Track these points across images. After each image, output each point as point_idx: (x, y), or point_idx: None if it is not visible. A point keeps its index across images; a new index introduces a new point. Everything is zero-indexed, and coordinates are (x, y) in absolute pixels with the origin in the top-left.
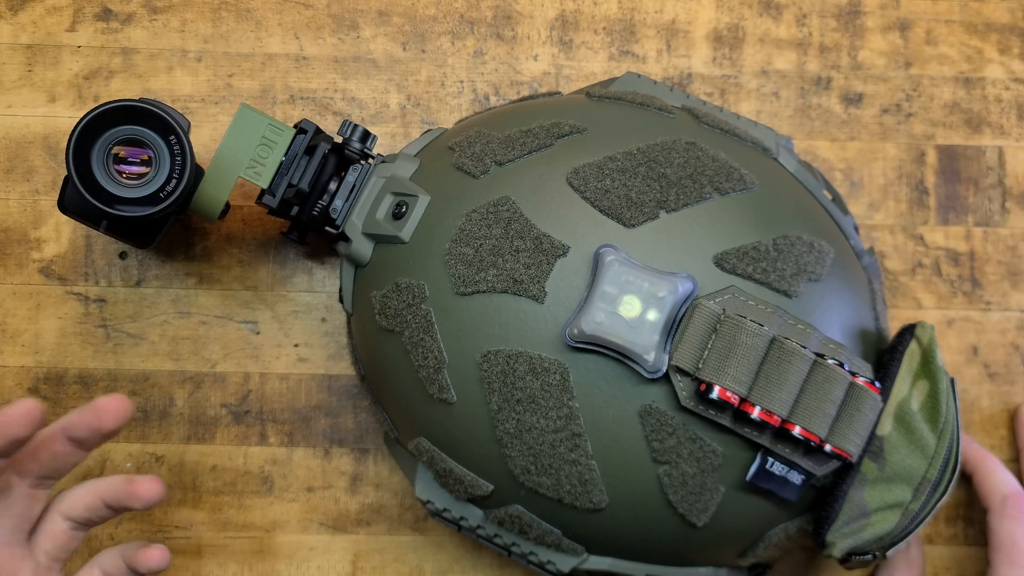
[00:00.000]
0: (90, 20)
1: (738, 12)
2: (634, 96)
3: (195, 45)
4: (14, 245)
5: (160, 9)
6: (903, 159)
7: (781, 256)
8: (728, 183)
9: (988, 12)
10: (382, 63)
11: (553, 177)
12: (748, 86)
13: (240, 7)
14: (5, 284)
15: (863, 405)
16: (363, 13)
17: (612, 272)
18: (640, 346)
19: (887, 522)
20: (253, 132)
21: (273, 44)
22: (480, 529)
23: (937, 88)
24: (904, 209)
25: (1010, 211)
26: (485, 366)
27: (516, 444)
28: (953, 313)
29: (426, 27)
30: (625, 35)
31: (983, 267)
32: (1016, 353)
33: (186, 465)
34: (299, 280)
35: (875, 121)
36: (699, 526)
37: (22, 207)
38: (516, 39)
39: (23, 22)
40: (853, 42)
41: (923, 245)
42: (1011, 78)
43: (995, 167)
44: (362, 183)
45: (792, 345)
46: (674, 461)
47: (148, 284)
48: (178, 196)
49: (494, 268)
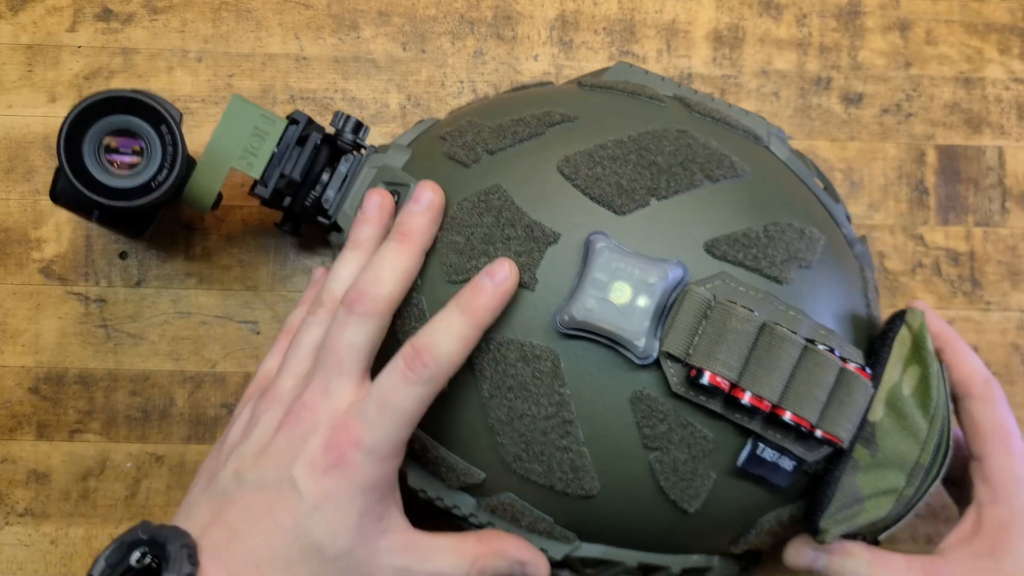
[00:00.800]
0: (90, 20)
1: (738, 12)
2: (625, 85)
3: (195, 45)
4: (14, 245)
5: (160, 9)
6: (903, 159)
7: (772, 243)
8: (719, 170)
9: (988, 12)
10: (382, 63)
11: (544, 165)
12: (748, 86)
13: (240, 7)
14: (5, 284)
15: (853, 390)
16: (363, 13)
17: (602, 259)
18: (630, 332)
19: (881, 508)
20: (245, 123)
21: (273, 44)
22: (472, 517)
23: (937, 88)
24: (904, 209)
25: (1010, 211)
26: (476, 353)
27: (507, 431)
28: (953, 313)
29: (426, 27)
30: (625, 35)
31: (983, 267)
32: (1016, 353)
33: (186, 465)
34: (299, 280)
35: (875, 121)
36: (691, 512)
37: (22, 207)
38: (516, 39)
39: (23, 22)
40: (853, 42)
41: (923, 245)
42: (1011, 78)
43: (995, 167)
44: (354, 173)
45: (782, 331)
46: (665, 447)
47: (148, 284)
48: (169, 186)
49: (485, 256)
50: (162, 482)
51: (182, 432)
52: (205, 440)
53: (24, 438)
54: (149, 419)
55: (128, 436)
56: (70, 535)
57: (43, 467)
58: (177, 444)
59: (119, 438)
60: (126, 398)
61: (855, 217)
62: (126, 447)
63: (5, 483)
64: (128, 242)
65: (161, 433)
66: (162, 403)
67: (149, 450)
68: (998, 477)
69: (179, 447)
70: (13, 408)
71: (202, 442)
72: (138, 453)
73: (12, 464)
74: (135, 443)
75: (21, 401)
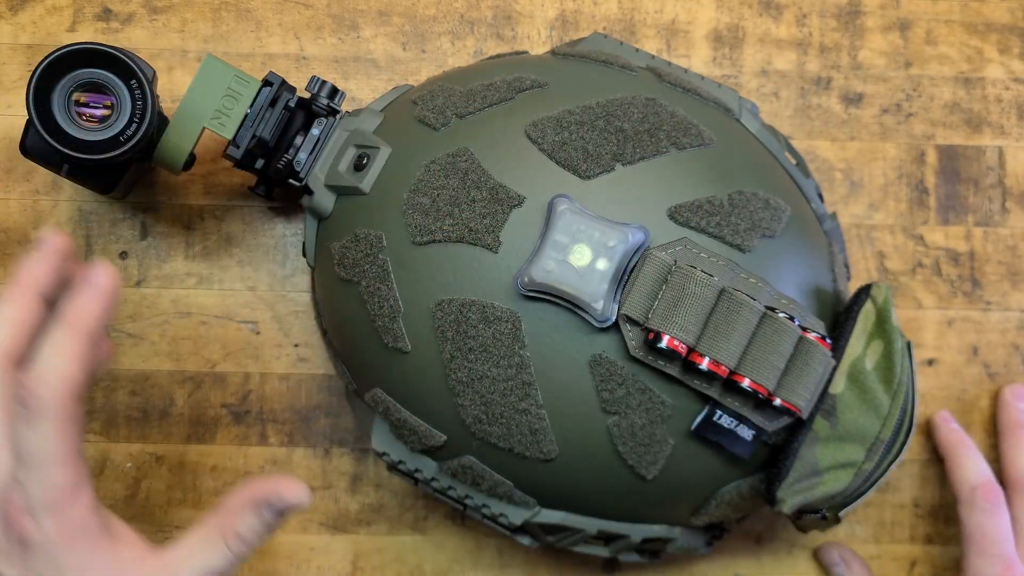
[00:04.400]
0: (90, 20)
1: (738, 12)
2: (598, 55)
3: (195, 45)
4: (14, 245)
5: (160, 9)
6: (903, 159)
7: (735, 211)
8: (685, 138)
9: (988, 12)
10: (382, 63)
11: (512, 129)
12: (748, 86)
13: (240, 7)
14: (5, 284)
15: (812, 359)
16: (363, 13)
17: (564, 221)
18: (588, 294)
19: (839, 481)
20: (219, 83)
21: (273, 44)
22: (435, 482)
23: (937, 88)
24: (904, 209)
25: (1010, 211)
26: (439, 315)
27: (468, 393)
28: (953, 313)
29: (426, 27)
30: (625, 35)
31: (983, 267)
32: (1016, 353)
33: (186, 465)
34: (299, 280)
35: (875, 121)
36: (649, 479)
37: (22, 207)
38: (516, 39)
39: (23, 22)
40: (853, 42)
41: (923, 245)
42: (1011, 78)
43: (995, 167)
44: (326, 136)
45: (741, 296)
46: (623, 412)
47: (148, 284)
48: (138, 140)
49: (450, 217)
50: (162, 482)
51: (182, 432)
52: (205, 440)
53: None
54: (149, 419)
55: (128, 436)
56: None
57: None
58: (177, 444)
59: (119, 438)
60: (126, 398)
61: (855, 217)
62: (126, 447)
63: None
64: (128, 242)
65: (161, 433)
66: (162, 403)
67: (149, 450)
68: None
69: (179, 447)
70: None
71: (202, 442)
72: (138, 453)
73: None
74: (135, 443)
75: None
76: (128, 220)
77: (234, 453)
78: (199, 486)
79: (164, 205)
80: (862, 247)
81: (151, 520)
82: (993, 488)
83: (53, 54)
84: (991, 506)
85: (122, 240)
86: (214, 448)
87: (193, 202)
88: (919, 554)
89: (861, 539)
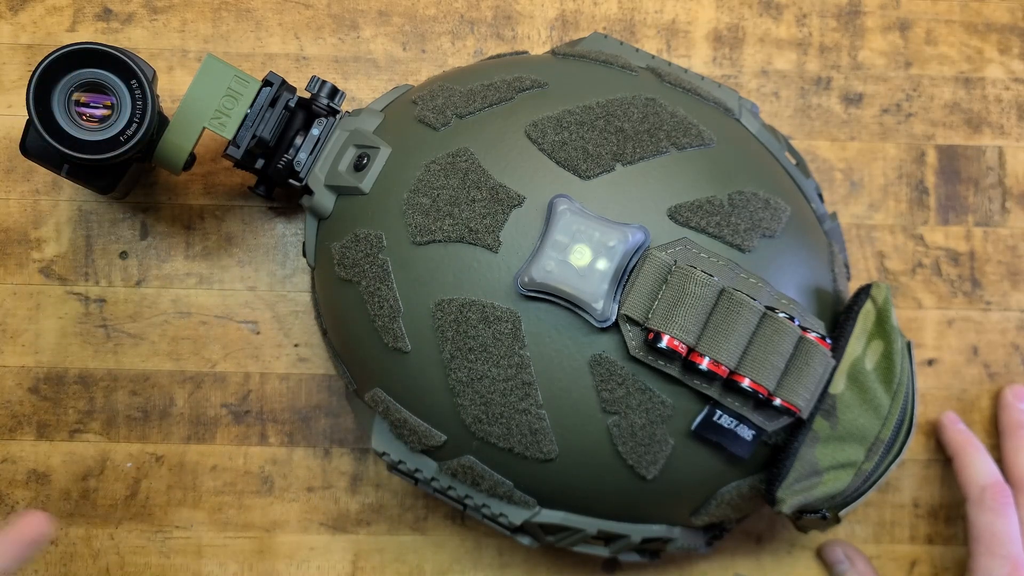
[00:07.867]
0: (90, 20)
1: (738, 12)
2: (598, 55)
3: (195, 45)
4: (14, 245)
5: (160, 9)
6: (903, 159)
7: (736, 211)
8: (685, 138)
9: (988, 12)
10: (382, 63)
11: (512, 129)
12: (748, 86)
13: (240, 7)
14: (5, 284)
15: (812, 360)
16: (363, 13)
17: (564, 221)
18: (588, 294)
19: (839, 481)
20: (219, 83)
21: (273, 44)
22: (435, 481)
23: (937, 88)
24: (904, 209)
25: (1010, 211)
26: (439, 315)
27: (468, 393)
28: (953, 313)
29: (426, 27)
30: (625, 35)
31: (983, 267)
32: (1016, 353)
33: (186, 465)
34: (299, 280)
35: (875, 121)
36: (649, 479)
37: (22, 207)
38: (516, 39)
39: (23, 22)
40: (853, 42)
41: (923, 245)
42: (1011, 78)
43: (995, 167)
44: (326, 136)
45: (741, 296)
46: (623, 412)
47: (148, 284)
48: (139, 140)
49: (450, 217)
50: (162, 482)
51: (182, 432)
52: (205, 440)
53: (24, 438)
54: (149, 419)
55: (128, 436)
56: (70, 535)
57: (43, 467)
58: (177, 444)
59: (119, 438)
60: (126, 398)
61: (855, 217)
62: (126, 447)
63: (5, 483)
64: (128, 242)
65: (161, 433)
66: (162, 403)
67: (149, 450)
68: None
69: (179, 447)
70: (13, 408)
71: (202, 442)
72: (138, 453)
73: (12, 464)
74: (135, 443)
75: (21, 401)
76: (128, 220)
77: (234, 453)
78: (199, 486)
79: (164, 205)
80: (862, 247)
81: (151, 520)
82: (1003, 488)
83: (53, 54)
84: (1001, 506)
85: (122, 240)
86: (214, 448)
87: (193, 202)
88: (919, 554)
89: (861, 539)
